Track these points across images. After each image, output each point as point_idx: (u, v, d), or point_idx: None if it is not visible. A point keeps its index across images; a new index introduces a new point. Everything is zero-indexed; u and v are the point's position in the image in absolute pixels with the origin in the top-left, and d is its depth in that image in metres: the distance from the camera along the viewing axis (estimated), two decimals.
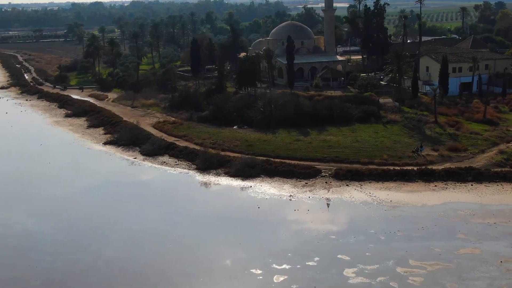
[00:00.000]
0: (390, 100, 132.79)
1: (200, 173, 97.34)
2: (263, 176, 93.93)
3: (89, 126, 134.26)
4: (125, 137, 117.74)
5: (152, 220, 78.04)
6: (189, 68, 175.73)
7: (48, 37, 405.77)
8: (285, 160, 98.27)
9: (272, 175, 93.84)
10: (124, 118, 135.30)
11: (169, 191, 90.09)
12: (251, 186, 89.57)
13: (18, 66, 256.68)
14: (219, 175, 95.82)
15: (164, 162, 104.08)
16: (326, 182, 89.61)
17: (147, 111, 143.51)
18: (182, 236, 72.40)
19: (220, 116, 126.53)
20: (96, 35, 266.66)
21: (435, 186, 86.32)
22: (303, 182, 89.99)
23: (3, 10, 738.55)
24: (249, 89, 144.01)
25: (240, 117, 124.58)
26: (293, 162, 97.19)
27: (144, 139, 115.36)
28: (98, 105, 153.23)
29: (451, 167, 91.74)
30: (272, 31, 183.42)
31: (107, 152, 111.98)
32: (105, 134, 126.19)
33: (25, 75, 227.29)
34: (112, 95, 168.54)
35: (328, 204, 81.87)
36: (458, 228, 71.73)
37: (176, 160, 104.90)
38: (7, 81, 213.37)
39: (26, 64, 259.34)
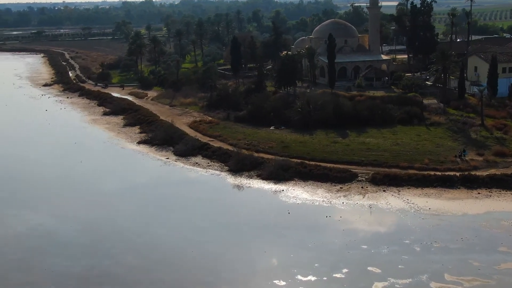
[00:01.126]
0: (434, 101, 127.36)
1: (232, 175, 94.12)
2: (296, 179, 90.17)
3: (125, 125, 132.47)
4: (159, 136, 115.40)
5: (178, 224, 75.23)
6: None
7: (96, 35, 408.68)
8: (320, 163, 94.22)
9: (306, 178, 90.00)
10: (161, 117, 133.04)
11: (199, 194, 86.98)
12: (283, 190, 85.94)
13: (64, 63, 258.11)
14: (251, 178, 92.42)
15: (197, 163, 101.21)
16: (362, 187, 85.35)
17: (184, 110, 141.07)
18: (206, 242, 69.18)
19: (257, 116, 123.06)
20: (141, 33, 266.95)
21: (478, 193, 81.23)
22: (338, 187, 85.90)
23: (56, 8, 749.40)
24: (288, 88, 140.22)
25: (277, 118, 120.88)
26: (328, 165, 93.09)
27: (178, 139, 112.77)
28: (136, 104, 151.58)
29: (497, 173, 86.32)
30: (315, 29, 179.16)
31: (140, 152, 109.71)
32: (140, 133, 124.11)
33: (70, 72, 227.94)
34: (152, 93, 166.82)
35: (369, 210, 77.66)
36: (501, 240, 66.75)
37: (208, 161, 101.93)
38: (51, 78, 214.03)
39: (72, 62, 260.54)
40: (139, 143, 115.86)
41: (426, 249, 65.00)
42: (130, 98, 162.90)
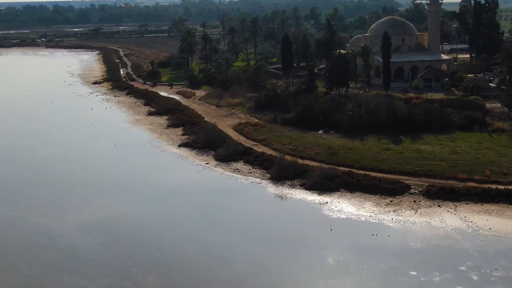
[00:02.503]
0: (498, 105, 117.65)
1: (273, 184, 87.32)
2: (342, 190, 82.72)
3: (168, 126, 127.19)
4: (201, 139, 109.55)
5: (208, 239, 68.82)
6: None
7: (153, 32, 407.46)
8: (370, 173, 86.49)
9: (353, 189, 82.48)
10: (206, 118, 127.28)
11: (235, 205, 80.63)
12: (327, 202, 78.66)
13: (117, 61, 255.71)
14: (293, 187, 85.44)
15: (237, 169, 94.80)
16: (414, 201, 77.34)
17: (231, 111, 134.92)
18: (236, 262, 62.78)
19: (306, 119, 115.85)
20: (197, 30, 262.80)
21: None
22: (388, 200, 78.12)
23: (117, 6, 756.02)
24: (340, 89, 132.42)
25: (327, 121, 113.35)
26: (378, 175, 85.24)
27: (221, 143, 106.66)
28: (182, 103, 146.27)
29: None
30: (371, 26, 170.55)
31: (179, 156, 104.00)
32: (182, 135, 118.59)
33: (121, 70, 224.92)
34: (200, 93, 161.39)
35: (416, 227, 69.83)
36: None
37: (250, 167, 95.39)
38: (102, 76, 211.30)
39: (125, 59, 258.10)
40: (180, 146, 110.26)
41: (484, 278, 56.88)
42: (177, 97, 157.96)
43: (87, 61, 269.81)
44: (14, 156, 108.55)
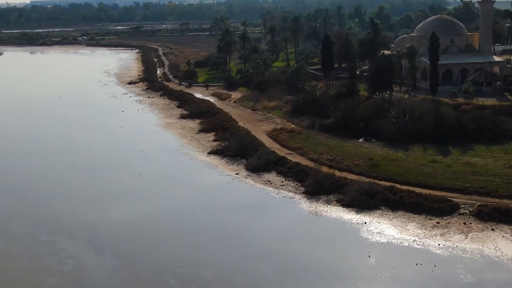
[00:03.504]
0: None
1: (307, 199, 79.67)
2: (383, 208, 74.67)
3: (200, 130, 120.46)
4: (233, 146, 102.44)
5: (231, 265, 61.72)
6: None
7: (194, 30, 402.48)
8: (414, 188, 78.14)
9: (395, 208, 74.36)
10: (239, 123, 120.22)
11: (264, 224, 73.02)
12: (365, 223, 70.68)
13: (155, 60, 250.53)
14: (329, 203, 77.63)
15: (269, 181, 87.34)
16: (464, 223, 68.83)
17: (267, 115, 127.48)
18: None
19: (345, 126, 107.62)
20: (238, 29, 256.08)
21: None
22: (434, 221, 69.77)
23: (161, 4, 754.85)
24: (384, 93, 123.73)
25: (368, 128, 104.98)
26: (424, 191, 76.76)
27: (253, 151, 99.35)
28: (216, 106, 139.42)
29: None
30: (418, 26, 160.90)
31: (208, 164, 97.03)
32: (214, 141, 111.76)
33: (158, 69, 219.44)
34: (236, 95, 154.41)
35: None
36: None
37: (283, 179, 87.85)
38: (138, 75, 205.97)
39: (163, 58, 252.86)
40: (210, 153, 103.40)
41: None
42: (212, 99, 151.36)
43: (125, 60, 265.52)
44: (31, 163, 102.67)
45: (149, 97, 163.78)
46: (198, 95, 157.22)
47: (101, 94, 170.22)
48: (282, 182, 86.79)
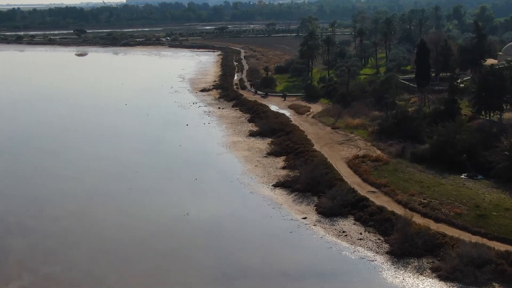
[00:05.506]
0: None
1: (393, 263, 60.55)
2: (497, 285, 54.51)
3: (268, 153, 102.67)
4: (303, 178, 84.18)
5: None
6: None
7: (281, 31, 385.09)
8: None
9: None
10: (315, 145, 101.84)
11: None
12: None
13: (235, 64, 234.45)
14: (421, 272, 58.31)
15: (343, 231, 68.66)
16: None
17: (348, 136, 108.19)
18: None
19: (444, 156, 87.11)
20: (327, 30, 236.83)
21: None
22: None
23: (251, 3, 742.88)
24: (492, 114, 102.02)
25: (473, 160, 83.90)
26: None
27: (327, 186, 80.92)
28: (291, 122, 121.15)
29: None
30: None
31: (271, 202, 79.09)
32: (283, 168, 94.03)
33: (236, 75, 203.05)
34: (316, 108, 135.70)
35: None
36: None
37: (362, 229, 69.01)
38: (213, 81, 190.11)
39: (244, 62, 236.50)
40: (275, 186, 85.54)
41: None
42: (288, 112, 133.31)
43: (204, 63, 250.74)
44: (68, 188, 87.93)
45: (219, 107, 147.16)
46: (273, 107, 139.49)
47: (169, 103, 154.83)
48: (361, 234, 67.88)
